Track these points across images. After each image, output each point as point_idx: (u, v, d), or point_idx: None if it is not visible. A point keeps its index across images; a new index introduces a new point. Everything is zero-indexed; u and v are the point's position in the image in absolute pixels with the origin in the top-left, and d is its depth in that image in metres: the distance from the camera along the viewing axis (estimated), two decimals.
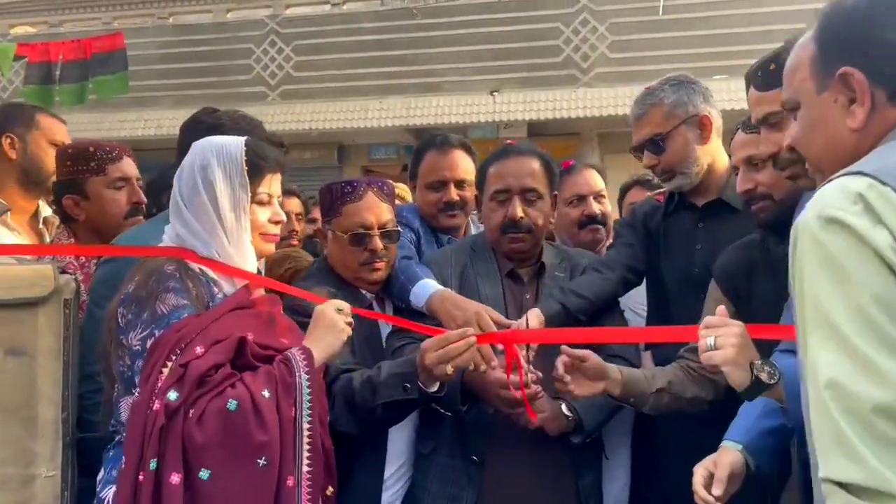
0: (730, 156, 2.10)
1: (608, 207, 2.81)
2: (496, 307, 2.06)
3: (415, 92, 11.76)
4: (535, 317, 2.00)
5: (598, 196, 2.74)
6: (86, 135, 11.74)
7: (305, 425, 1.65)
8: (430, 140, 2.66)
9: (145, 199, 2.46)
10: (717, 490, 1.58)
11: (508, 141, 2.47)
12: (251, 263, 1.82)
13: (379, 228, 2.16)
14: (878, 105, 1.13)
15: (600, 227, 2.72)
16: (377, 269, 2.16)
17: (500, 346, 1.90)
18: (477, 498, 2.02)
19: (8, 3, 14.06)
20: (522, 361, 1.87)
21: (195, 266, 1.75)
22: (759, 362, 1.52)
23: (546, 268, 2.21)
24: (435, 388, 1.85)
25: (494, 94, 11.51)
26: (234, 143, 1.81)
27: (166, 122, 12.31)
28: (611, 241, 2.67)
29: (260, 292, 1.84)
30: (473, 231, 2.66)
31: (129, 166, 2.43)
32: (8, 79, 11.55)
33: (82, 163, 2.37)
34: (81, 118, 11.97)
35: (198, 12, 13.49)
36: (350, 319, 1.81)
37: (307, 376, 1.67)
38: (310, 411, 1.66)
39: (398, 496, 2.11)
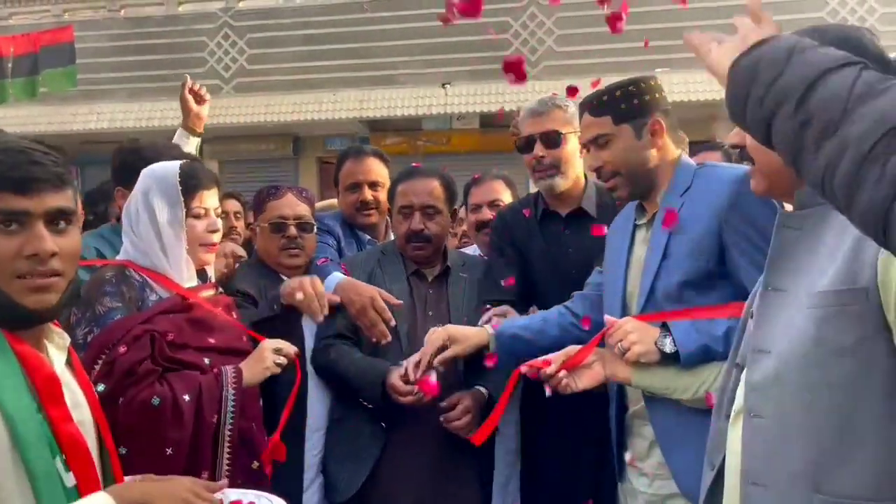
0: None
1: None
2: (402, 297, 2.48)
3: (368, 84, 11.94)
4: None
5: (494, 204, 2.96)
6: (38, 129, 11.70)
7: (227, 431, 1.97)
8: (347, 150, 3.06)
9: None
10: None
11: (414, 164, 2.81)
12: (190, 272, 2.09)
13: (294, 220, 2.58)
14: None
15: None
16: (294, 255, 2.58)
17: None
18: (380, 455, 2.35)
19: None
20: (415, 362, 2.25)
21: (135, 274, 2.03)
22: (659, 337, 1.88)
23: (451, 269, 2.61)
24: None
25: (446, 86, 11.74)
26: (170, 168, 2.11)
27: (119, 115, 12.30)
28: None
29: (206, 293, 2.14)
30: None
31: None
32: None
33: None
34: (33, 111, 11.91)
35: (150, 5, 13.47)
36: (282, 360, 2.11)
37: (233, 392, 1.98)
38: (232, 421, 1.97)
39: (317, 459, 2.45)
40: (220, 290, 2.29)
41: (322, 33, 12.20)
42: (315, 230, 2.67)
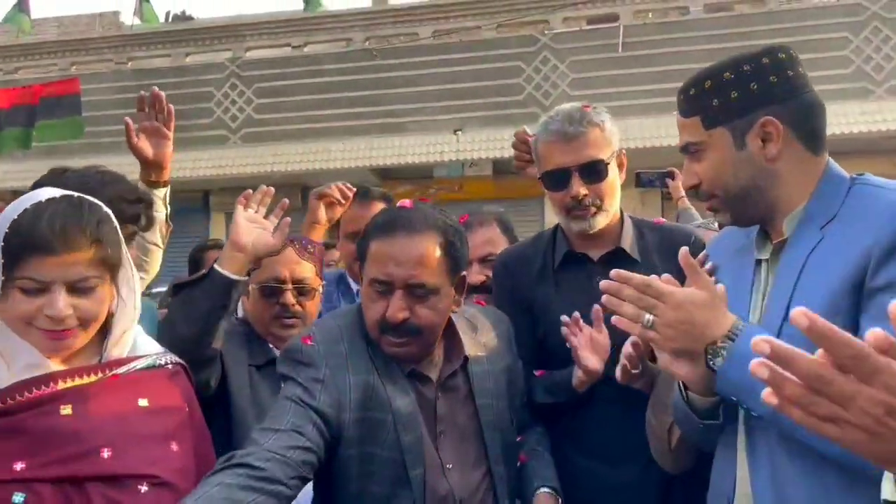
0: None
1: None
2: (413, 423, 1.62)
3: (378, 132, 11.77)
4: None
5: (487, 260, 2.28)
6: None
7: None
8: (354, 194, 2.69)
9: None
10: None
11: (402, 202, 1.80)
12: (13, 369, 1.39)
13: (293, 283, 2.06)
14: None
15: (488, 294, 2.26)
16: (289, 325, 2.03)
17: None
18: None
19: None
20: None
21: None
22: (719, 345, 1.24)
23: (470, 361, 1.73)
24: None
25: (458, 132, 11.56)
26: (9, 213, 1.42)
27: (126, 167, 12.05)
28: None
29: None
30: None
31: None
32: None
33: None
34: (38, 164, 11.72)
35: (157, 56, 13.41)
36: None
37: None
38: None
39: None
40: (128, 366, 1.48)
41: (330, 81, 12.08)
42: (318, 294, 2.13)
